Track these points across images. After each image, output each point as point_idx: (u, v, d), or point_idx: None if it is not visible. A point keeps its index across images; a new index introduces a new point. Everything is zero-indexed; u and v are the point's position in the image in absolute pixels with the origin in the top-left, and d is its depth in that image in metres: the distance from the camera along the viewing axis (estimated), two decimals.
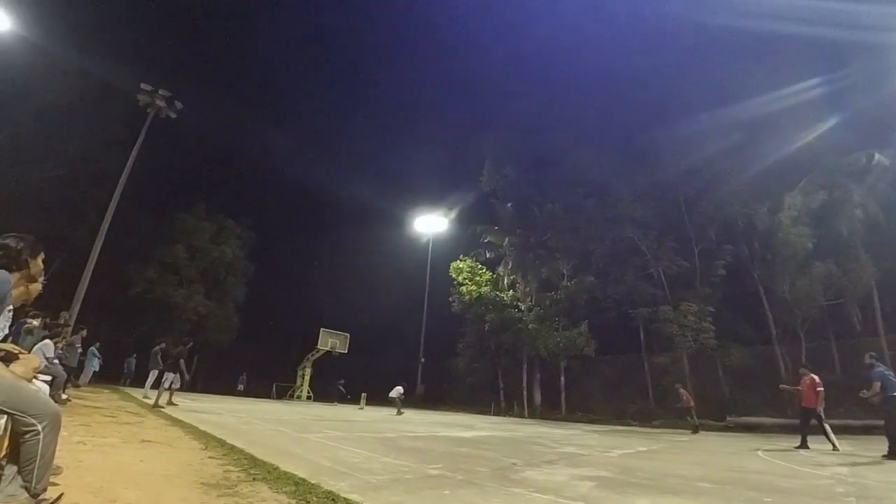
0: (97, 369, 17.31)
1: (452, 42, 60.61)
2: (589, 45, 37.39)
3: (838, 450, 9.50)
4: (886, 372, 9.10)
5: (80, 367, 15.32)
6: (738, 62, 23.60)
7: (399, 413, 19.88)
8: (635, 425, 20.39)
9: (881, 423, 14.40)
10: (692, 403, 16.65)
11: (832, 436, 9.80)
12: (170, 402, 11.96)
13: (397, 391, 20.30)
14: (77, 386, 15.25)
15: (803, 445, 9.93)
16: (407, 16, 59.97)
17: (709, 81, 23.71)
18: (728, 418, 18.48)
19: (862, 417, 15.54)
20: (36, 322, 8.19)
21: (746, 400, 20.25)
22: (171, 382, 12.93)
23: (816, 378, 10.32)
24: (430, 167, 53.70)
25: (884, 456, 8.42)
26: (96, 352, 17.13)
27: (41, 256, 2.59)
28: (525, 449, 8.16)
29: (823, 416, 10.02)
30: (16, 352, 2.55)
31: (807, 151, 21.29)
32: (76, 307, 19.64)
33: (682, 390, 17.05)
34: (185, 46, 47.93)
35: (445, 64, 63.13)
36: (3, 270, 2.31)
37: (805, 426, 10.14)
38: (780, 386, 13.41)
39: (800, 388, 10.52)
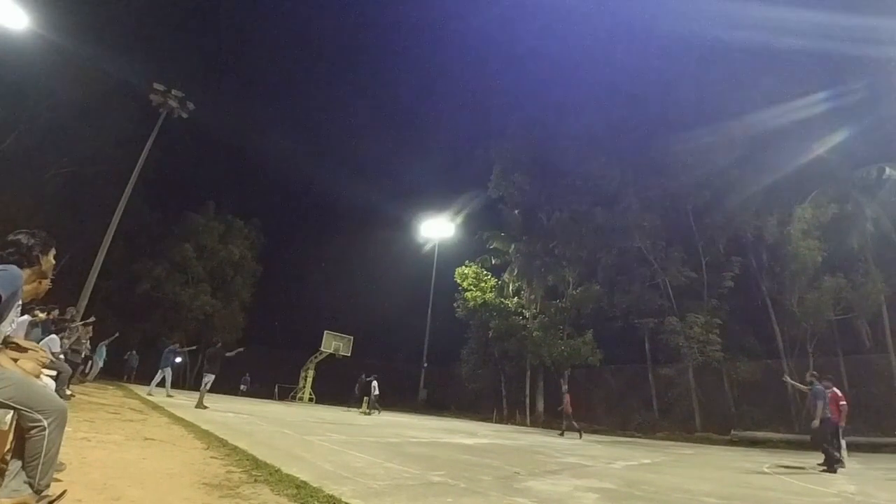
0: (101, 365, 17.48)
1: (463, 48, 60.84)
2: (601, 55, 37.36)
3: (845, 467, 9.37)
4: (822, 391, 9.49)
5: (85, 362, 15.41)
6: (751, 74, 23.42)
7: (367, 413, 19.72)
8: (639, 437, 20.20)
9: (890, 440, 14.27)
10: (570, 410, 17.49)
11: (844, 452, 9.62)
12: (200, 404, 12.08)
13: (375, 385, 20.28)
14: (82, 381, 15.37)
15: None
16: (419, 22, 60.35)
17: (720, 93, 23.51)
18: (733, 432, 18.26)
19: (868, 434, 15.34)
20: (43, 315, 8.28)
21: (752, 414, 20.01)
22: (208, 383, 13.09)
23: (839, 391, 10.08)
24: (437, 172, 53.83)
25: (823, 469, 8.67)
26: (104, 348, 17.33)
27: (53, 252, 2.60)
28: (528, 458, 8.10)
29: (840, 432, 9.76)
30: (27, 347, 2.56)
31: (818, 164, 21.08)
32: (83, 303, 19.77)
33: (567, 396, 18.01)
34: (198, 48, 48.42)
35: (456, 69, 63.49)
36: (15, 266, 2.32)
37: (830, 442, 9.68)
38: (784, 378, 12.46)
39: (806, 386, 10.25)
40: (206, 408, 11.91)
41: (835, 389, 10.16)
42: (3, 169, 23.81)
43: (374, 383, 20.88)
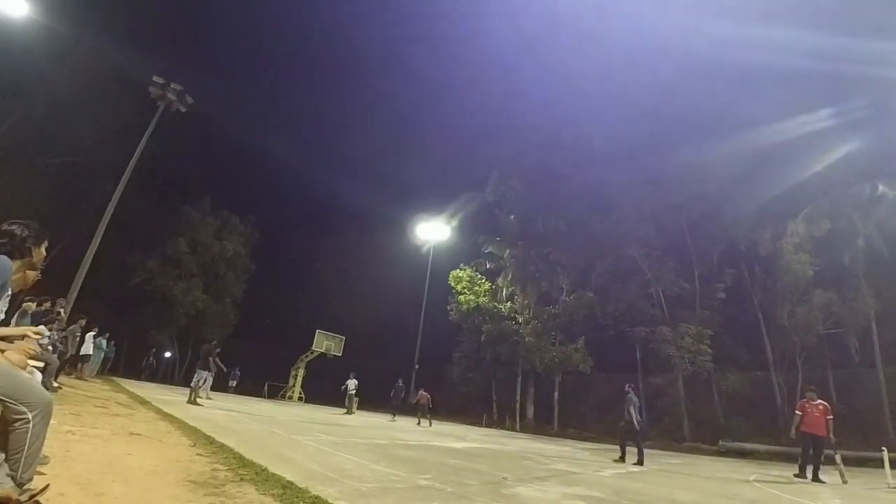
0: (101, 358, 17.46)
1: (465, 51, 60.91)
2: (604, 67, 37.57)
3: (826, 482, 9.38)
4: (635, 398, 11.07)
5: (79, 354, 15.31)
6: (751, 92, 23.78)
7: (350, 412, 19.72)
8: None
9: (876, 454, 14.35)
10: (425, 403, 19.96)
11: (841, 465, 9.55)
12: (194, 401, 12.03)
13: (353, 385, 20.20)
14: (82, 377, 15.30)
15: (816, 478, 9.31)
16: (420, 22, 60.40)
17: (720, 108, 23.78)
18: (721, 443, 18.33)
19: (856, 448, 15.41)
20: (33, 305, 8.21)
21: (740, 425, 20.11)
22: (204, 380, 13.06)
23: (826, 404, 9.95)
24: (434, 174, 53.85)
25: (615, 460, 10.37)
26: (103, 343, 17.31)
27: (45, 245, 2.59)
28: (516, 464, 8.09)
29: (816, 445, 9.70)
30: (20, 334, 2.53)
31: (812, 180, 21.27)
32: (74, 294, 19.56)
33: (423, 392, 20.36)
34: (199, 43, 48.35)
35: (457, 72, 63.44)
36: (5, 257, 2.30)
37: (817, 456, 9.61)
38: (627, 387, 11.59)
39: (800, 412, 10.09)
40: (199, 405, 11.86)
41: (822, 402, 10.00)
42: None
43: (350, 383, 20.80)
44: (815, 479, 9.28)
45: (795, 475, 9.77)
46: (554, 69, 46.91)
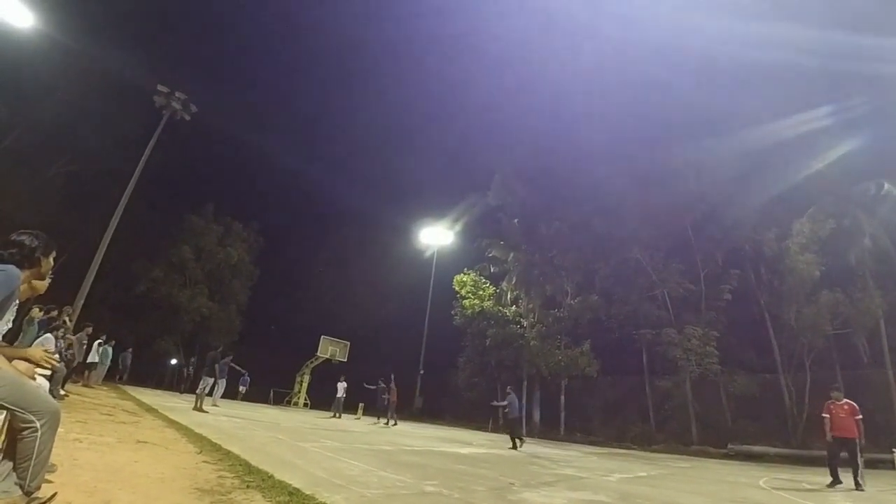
0: (107, 365, 17.58)
1: (464, 54, 61.10)
2: (602, 67, 37.58)
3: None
4: (515, 399, 14.18)
5: (85, 362, 15.38)
6: (752, 90, 23.70)
7: (336, 416, 19.65)
8: (635, 449, 20.09)
9: (886, 456, 14.26)
10: (394, 400, 19.90)
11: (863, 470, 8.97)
12: (200, 408, 12.07)
13: (342, 388, 20.30)
14: (88, 385, 15.38)
15: (857, 485, 8.61)
16: (423, 25, 60.61)
17: (722, 108, 23.68)
18: (729, 446, 18.18)
19: (867, 451, 15.25)
20: (40, 313, 8.27)
21: (749, 428, 19.91)
22: (206, 387, 13.19)
23: (853, 404, 9.20)
24: (437, 179, 53.84)
25: (510, 448, 12.58)
26: (109, 350, 17.43)
27: (53, 255, 2.63)
28: (523, 469, 8.05)
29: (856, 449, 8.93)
30: (22, 355, 2.54)
31: (816, 179, 21.14)
32: (80, 302, 19.69)
33: (393, 386, 20.10)
34: (202, 50, 48.72)
35: (458, 77, 63.65)
36: (14, 267, 2.33)
37: (853, 460, 8.85)
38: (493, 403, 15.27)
39: (827, 415, 9.40)
40: (205, 412, 11.89)
41: (849, 402, 9.29)
42: (5, 167, 23.85)
43: (339, 386, 20.75)
44: (857, 486, 8.58)
45: (829, 485, 8.80)
46: (552, 71, 46.98)
